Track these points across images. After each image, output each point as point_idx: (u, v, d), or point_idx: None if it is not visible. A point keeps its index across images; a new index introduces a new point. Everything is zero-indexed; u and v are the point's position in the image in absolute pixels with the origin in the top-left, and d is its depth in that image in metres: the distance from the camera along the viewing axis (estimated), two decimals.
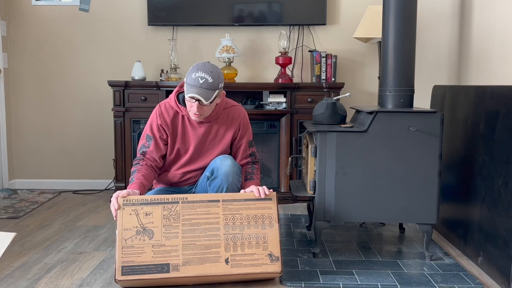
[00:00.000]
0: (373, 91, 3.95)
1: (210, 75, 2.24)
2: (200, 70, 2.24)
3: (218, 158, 2.38)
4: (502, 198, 2.25)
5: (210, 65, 2.28)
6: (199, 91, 2.22)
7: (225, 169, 2.31)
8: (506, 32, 2.68)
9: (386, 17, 2.60)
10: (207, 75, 2.23)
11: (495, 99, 2.37)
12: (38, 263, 2.46)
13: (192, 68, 2.28)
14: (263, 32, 3.99)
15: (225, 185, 2.31)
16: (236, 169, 2.34)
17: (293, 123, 3.68)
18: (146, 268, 2.07)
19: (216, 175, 2.33)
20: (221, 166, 2.32)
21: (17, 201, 3.71)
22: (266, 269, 2.13)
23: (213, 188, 2.34)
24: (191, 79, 2.24)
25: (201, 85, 2.22)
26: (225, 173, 2.30)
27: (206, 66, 2.27)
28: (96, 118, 4.11)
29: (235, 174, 2.33)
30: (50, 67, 4.11)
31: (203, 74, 2.23)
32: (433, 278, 2.29)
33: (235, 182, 2.33)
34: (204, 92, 2.22)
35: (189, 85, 2.25)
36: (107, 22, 4.05)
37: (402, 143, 2.46)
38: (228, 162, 2.33)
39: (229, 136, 2.45)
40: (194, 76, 2.23)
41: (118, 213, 2.12)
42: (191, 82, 2.24)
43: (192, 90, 2.23)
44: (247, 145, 2.51)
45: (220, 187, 2.32)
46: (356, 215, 2.50)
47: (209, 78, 2.23)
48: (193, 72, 2.25)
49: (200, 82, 2.22)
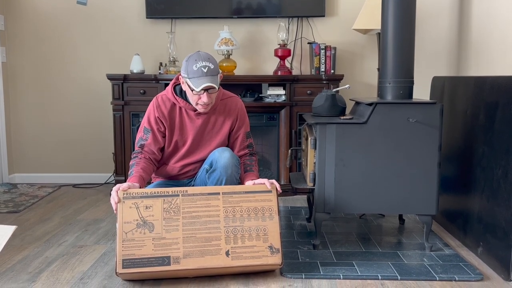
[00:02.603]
0: (373, 82, 3.94)
1: (210, 62, 2.26)
2: (199, 60, 2.24)
3: (217, 151, 2.38)
4: (501, 189, 2.26)
5: (203, 53, 2.30)
6: (209, 80, 2.23)
7: (224, 161, 2.31)
8: (505, 22, 2.67)
9: (385, 8, 2.59)
10: (208, 62, 2.25)
11: (495, 90, 2.37)
12: (38, 257, 2.47)
13: (189, 61, 2.27)
14: (262, 24, 3.98)
15: (224, 177, 2.31)
16: (235, 161, 2.34)
17: (292, 115, 3.67)
18: (146, 261, 2.07)
19: (215, 168, 2.33)
20: (220, 158, 2.32)
21: (17, 195, 3.71)
22: (267, 261, 2.13)
23: (213, 181, 2.34)
24: (194, 71, 2.23)
25: (206, 74, 2.22)
26: (224, 165, 2.30)
27: (202, 55, 2.28)
28: (95, 111, 4.11)
29: (234, 166, 2.33)
30: (49, 60, 4.09)
31: (204, 63, 2.24)
32: (433, 269, 2.29)
33: (234, 174, 2.33)
34: (212, 79, 2.24)
35: (194, 78, 2.23)
36: (105, 15, 4.03)
37: (402, 135, 2.46)
38: (226, 154, 2.33)
39: (226, 127, 2.45)
40: (196, 68, 2.23)
41: (118, 206, 2.12)
42: (196, 74, 2.23)
43: (202, 81, 2.22)
44: (245, 136, 2.51)
45: (219, 179, 2.32)
46: (356, 206, 2.51)
47: (210, 64, 2.25)
48: (192, 64, 2.24)
49: (205, 71, 2.22)
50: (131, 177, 2.27)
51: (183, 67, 2.29)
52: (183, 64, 2.30)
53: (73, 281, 2.18)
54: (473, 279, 2.20)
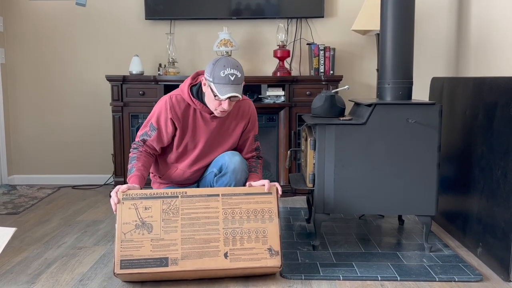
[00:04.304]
0: (372, 83, 3.95)
1: (237, 70, 2.18)
2: (228, 66, 2.17)
3: (226, 155, 2.36)
4: (501, 189, 2.26)
5: (232, 59, 2.22)
6: (235, 89, 2.17)
7: (234, 166, 2.31)
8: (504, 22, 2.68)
9: (384, 9, 2.59)
10: (236, 71, 2.18)
11: (494, 90, 2.37)
12: (38, 258, 2.46)
13: (217, 65, 2.18)
14: (261, 25, 3.98)
15: (233, 182, 2.32)
16: (244, 166, 2.34)
17: (291, 116, 3.67)
18: (144, 262, 2.07)
19: (225, 172, 2.33)
20: (230, 163, 2.32)
21: (17, 196, 3.71)
22: (266, 263, 2.13)
23: (221, 185, 2.34)
24: (220, 77, 2.16)
25: (233, 82, 2.16)
26: (234, 170, 2.31)
27: (230, 61, 2.20)
28: (95, 113, 4.11)
29: (243, 171, 2.34)
30: (48, 62, 4.09)
31: (232, 71, 2.17)
32: (433, 270, 2.29)
33: (242, 179, 2.34)
34: (237, 88, 2.18)
35: (220, 84, 2.16)
36: (104, 16, 4.03)
37: (401, 135, 2.46)
38: (237, 159, 2.32)
39: (239, 129, 2.44)
40: (223, 74, 2.16)
41: (118, 207, 2.12)
42: (222, 81, 2.16)
43: (228, 90, 2.16)
44: (253, 139, 2.50)
45: (228, 183, 2.33)
46: (355, 207, 2.51)
47: (238, 73, 2.18)
48: (220, 69, 2.17)
49: (232, 79, 2.16)
50: (132, 175, 2.25)
51: (209, 70, 2.20)
52: (209, 66, 2.22)
53: (72, 282, 2.18)
54: (472, 279, 2.20)
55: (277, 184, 2.25)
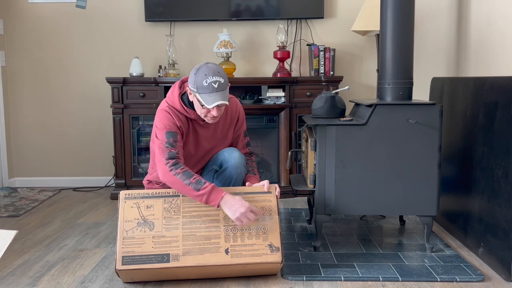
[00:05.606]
0: (372, 84, 3.95)
1: (220, 75, 2.16)
2: (209, 74, 2.15)
3: (225, 151, 2.40)
4: (502, 189, 2.26)
5: (213, 65, 2.19)
6: (221, 96, 2.16)
7: (234, 161, 2.35)
8: (504, 22, 2.68)
9: (384, 9, 2.59)
10: (218, 77, 2.16)
11: (494, 90, 2.37)
12: (39, 261, 2.47)
13: (198, 75, 2.16)
14: (261, 26, 3.98)
15: (234, 176, 2.35)
16: (243, 161, 2.38)
17: (292, 117, 3.67)
18: (146, 258, 2.09)
19: (226, 167, 2.36)
20: (230, 158, 2.36)
21: (17, 199, 3.71)
22: (266, 259, 2.14)
23: (222, 180, 2.37)
24: (204, 87, 2.14)
25: (217, 89, 2.15)
26: (235, 165, 2.35)
27: (211, 68, 2.17)
28: (95, 115, 4.11)
29: (243, 166, 2.37)
30: (48, 64, 4.10)
31: (214, 78, 2.14)
32: (434, 270, 2.29)
33: (242, 173, 2.38)
34: (223, 94, 2.17)
35: (205, 94, 2.14)
36: (104, 18, 4.04)
37: (402, 136, 2.46)
38: (236, 154, 2.36)
39: (232, 129, 2.47)
40: (206, 84, 2.14)
41: (120, 206, 2.16)
42: (206, 90, 2.14)
43: (213, 98, 2.14)
44: (243, 135, 2.54)
45: (229, 178, 2.36)
46: (356, 208, 2.51)
47: (220, 79, 2.16)
48: (202, 79, 2.14)
49: (215, 86, 2.14)
50: (207, 185, 2.12)
51: (192, 80, 2.19)
52: (191, 76, 2.20)
53: (74, 285, 2.18)
54: (474, 279, 2.20)
55: (276, 185, 2.28)
